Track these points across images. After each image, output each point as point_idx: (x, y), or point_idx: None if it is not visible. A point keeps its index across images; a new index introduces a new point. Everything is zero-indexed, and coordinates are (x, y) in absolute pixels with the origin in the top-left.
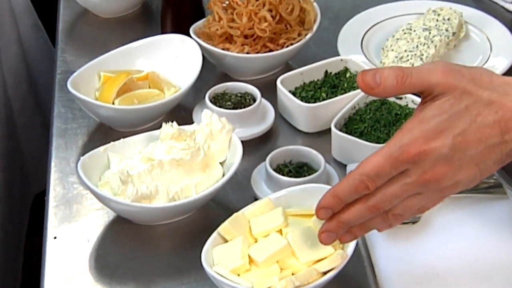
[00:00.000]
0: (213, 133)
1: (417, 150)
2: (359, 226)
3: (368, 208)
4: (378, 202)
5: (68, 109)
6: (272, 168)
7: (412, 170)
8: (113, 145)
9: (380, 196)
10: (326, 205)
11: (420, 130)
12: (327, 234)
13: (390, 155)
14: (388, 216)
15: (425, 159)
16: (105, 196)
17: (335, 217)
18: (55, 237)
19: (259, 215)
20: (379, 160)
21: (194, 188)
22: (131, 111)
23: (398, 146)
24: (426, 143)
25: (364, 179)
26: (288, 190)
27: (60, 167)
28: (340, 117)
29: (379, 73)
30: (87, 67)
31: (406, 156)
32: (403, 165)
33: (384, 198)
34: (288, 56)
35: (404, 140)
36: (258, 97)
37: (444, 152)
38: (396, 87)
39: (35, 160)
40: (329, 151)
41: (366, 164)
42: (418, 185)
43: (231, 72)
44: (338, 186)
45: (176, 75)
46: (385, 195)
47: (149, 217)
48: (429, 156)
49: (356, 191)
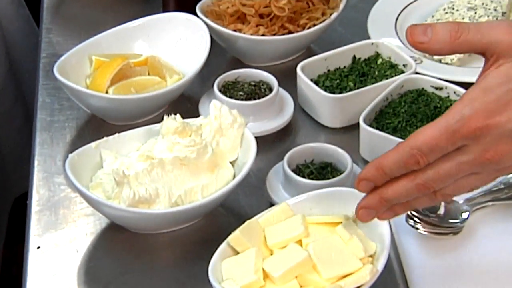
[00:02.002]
0: (223, 127)
1: (479, 124)
2: (403, 204)
3: (416, 186)
4: (429, 180)
5: (54, 99)
6: (291, 168)
7: (471, 147)
8: (107, 141)
9: (432, 174)
10: (368, 177)
11: (483, 101)
12: (366, 211)
13: (447, 128)
14: (437, 196)
15: (487, 135)
16: (97, 200)
17: (377, 192)
18: (38, 247)
19: (275, 223)
20: (434, 132)
21: (200, 191)
22: (128, 101)
23: (458, 118)
24: (489, 116)
25: (415, 153)
26: (309, 195)
27: (45, 166)
28: (370, 110)
29: (431, 26)
30: (77, 50)
31: (466, 130)
32: (462, 140)
33: (436, 177)
34: (310, 39)
35: (465, 112)
36: (275, 86)
37: (509, 128)
38: (450, 42)
39: (15, 158)
40: (357, 149)
41: (418, 135)
42: (477, 164)
43: (244, 57)
44: (384, 157)
45: (180, 60)
46: (438, 174)
47: (148, 224)
48: (492, 131)
49: (405, 165)
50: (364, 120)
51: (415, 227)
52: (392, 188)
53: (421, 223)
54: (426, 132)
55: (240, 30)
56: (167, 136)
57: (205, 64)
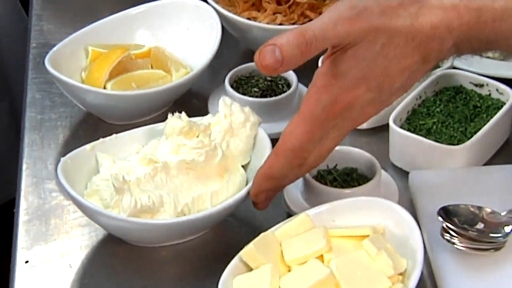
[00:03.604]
0: (234, 127)
1: (341, 105)
2: None
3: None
4: (314, 165)
5: (46, 94)
6: (312, 175)
7: (341, 123)
8: (103, 143)
9: (314, 159)
10: (264, 189)
11: (338, 87)
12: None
13: (316, 119)
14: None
15: (352, 109)
16: (94, 209)
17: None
18: (26, 261)
19: (294, 236)
20: (306, 128)
21: (209, 199)
22: (128, 97)
23: (321, 107)
24: (348, 94)
25: (298, 153)
26: (332, 204)
27: (34, 170)
28: (401, 110)
29: (278, 47)
30: (71, 39)
31: (332, 115)
32: (332, 123)
33: (319, 159)
34: None
35: (325, 101)
36: (294, 81)
37: (370, 97)
38: (302, 57)
39: (0, 160)
40: (386, 153)
41: (292, 136)
42: (348, 132)
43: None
44: (269, 167)
45: (187, 52)
46: (321, 155)
47: (151, 236)
48: (355, 105)
49: (292, 166)
50: (394, 120)
51: (451, 242)
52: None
53: (458, 238)
54: (298, 131)
55: (255, 18)
56: (172, 137)
57: (216, 57)
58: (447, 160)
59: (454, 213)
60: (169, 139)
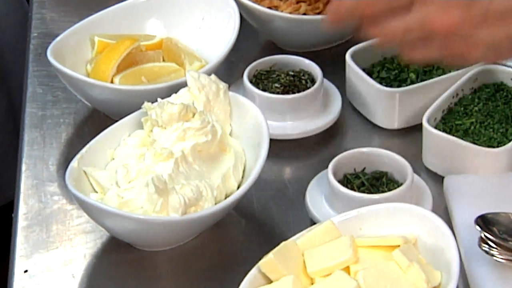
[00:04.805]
0: (210, 99)
1: None
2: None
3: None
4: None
5: (48, 89)
6: (337, 179)
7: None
8: (82, 158)
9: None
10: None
11: None
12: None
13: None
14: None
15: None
16: (145, 219)
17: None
18: (25, 270)
19: (317, 246)
20: None
21: (232, 175)
22: (137, 93)
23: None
24: None
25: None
26: (359, 211)
27: (35, 171)
28: (436, 109)
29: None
30: (75, 29)
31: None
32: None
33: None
34: None
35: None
36: (319, 76)
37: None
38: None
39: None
40: (419, 156)
41: None
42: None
43: (281, 41)
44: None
45: (202, 44)
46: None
47: (196, 228)
48: None
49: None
50: (428, 120)
51: (490, 253)
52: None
53: (497, 249)
54: None
55: (276, 7)
56: (172, 124)
57: (233, 49)
58: (486, 164)
59: (493, 222)
60: (168, 128)
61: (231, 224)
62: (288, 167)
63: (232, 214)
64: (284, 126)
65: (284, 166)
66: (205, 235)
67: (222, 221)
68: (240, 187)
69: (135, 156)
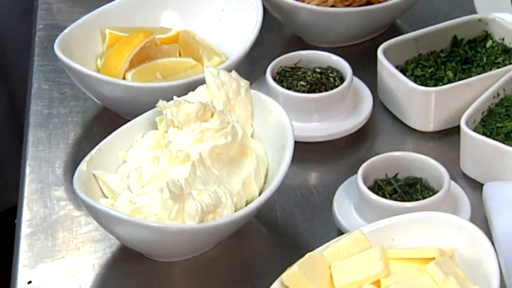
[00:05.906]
0: (231, 97)
1: None
2: None
3: None
4: None
5: (54, 85)
6: (367, 185)
7: None
8: (91, 160)
9: None
10: None
11: None
12: None
13: None
14: None
15: None
16: (159, 227)
17: None
18: (29, 281)
19: (346, 257)
20: None
21: (253, 180)
22: (151, 90)
23: None
24: None
25: None
26: (391, 221)
27: (40, 174)
28: (475, 110)
29: None
30: (84, 20)
31: None
32: None
33: None
34: (396, 13)
35: None
36: (348, 74)
37: None
38: None
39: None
40: (457, 161)
41: None
42: None
43: (307, 35)
44: None
45: (222, 37)
46: None
47: (213, 238)
48: None
49: None
50: (466, 122)
51: None
52: None
53: None
54: None
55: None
56: (189, 125)
57: (256, 44)
58: None
59: None
60: (185, 129)
61: (252, 233)
62: (314, 172)
63: (253, 222)
64: (310, 127)
65: (309, 171)
66: (224, 245)
67: (242, 229)
68: (262, 193)
69: (148, 159)
